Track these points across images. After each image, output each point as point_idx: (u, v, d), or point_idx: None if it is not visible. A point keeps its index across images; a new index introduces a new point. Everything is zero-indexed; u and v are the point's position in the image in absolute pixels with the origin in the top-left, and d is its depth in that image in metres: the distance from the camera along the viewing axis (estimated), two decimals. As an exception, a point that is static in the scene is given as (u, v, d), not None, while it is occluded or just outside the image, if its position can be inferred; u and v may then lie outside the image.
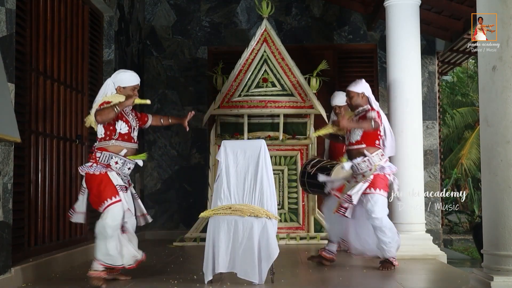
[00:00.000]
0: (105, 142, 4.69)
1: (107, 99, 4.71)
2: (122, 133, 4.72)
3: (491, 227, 3.93)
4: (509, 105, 3.84)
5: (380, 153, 5.34)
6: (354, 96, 5.45)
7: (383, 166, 5.30)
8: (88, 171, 4.63)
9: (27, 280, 4.76)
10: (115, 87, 4.81)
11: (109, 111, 4.56)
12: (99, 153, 4.66)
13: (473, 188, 15.01)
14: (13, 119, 4.34)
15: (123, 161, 4.70)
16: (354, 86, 5.49)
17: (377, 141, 5.35)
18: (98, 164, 4.63)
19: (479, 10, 4.12)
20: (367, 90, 5.47)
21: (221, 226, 4.59)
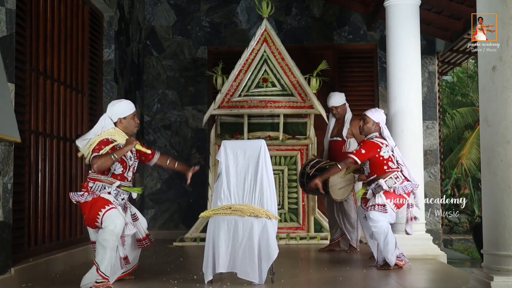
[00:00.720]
0: (97, 175, 4.48)
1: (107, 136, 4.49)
2: (116, 174, 4.52)
3: (491, 227, 3.92)
4: (509, 105, 3.84)
5: (394, 176, 5.40)
6: (369, 123, 5.56)
7: (396, 187, 5.34)
8: (79, 200, 4.45)
9: (27, 280, 4.76)
10: (115, 121, 4.59)
11: (107, 159, 4.35)
12: (91, 183, 4.47)
13: (473, 188, 15.01)
14: (13, 119, 4.34)
15: (116, 192, 4.53)
16: (372, 113, 5.59)
17: (385, 166, 5.42)
18: (89, 193, 4.45)
19: (479, 10, 4.12)
20: (382, 121, 5.58)
21: (221, 226, 4.59)
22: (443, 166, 10.58)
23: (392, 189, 5.34)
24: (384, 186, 5.33)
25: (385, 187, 5.33)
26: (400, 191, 5.33)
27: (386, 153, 5.45)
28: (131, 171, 4.66)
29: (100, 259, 4.34)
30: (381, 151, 5.43)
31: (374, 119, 5.55)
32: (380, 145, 5.45)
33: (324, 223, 7.51)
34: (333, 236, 6.79)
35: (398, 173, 5.41)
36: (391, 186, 5.34)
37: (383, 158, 5.43)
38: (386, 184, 5.34)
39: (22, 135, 4.72)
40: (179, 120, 9.08)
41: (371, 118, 5.55)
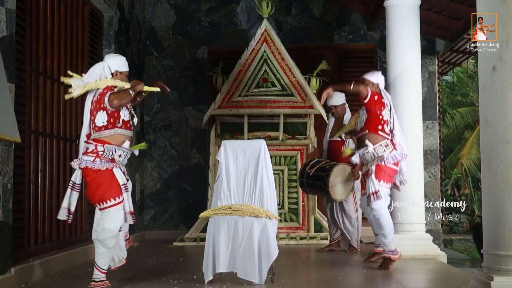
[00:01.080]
0: (107, 131, 4.29)
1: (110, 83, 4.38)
2: (125, 121, 4.39)
3: (491, 227, 3.92)
4: (509, 105, 3.84)
5: (385, 144, 5.31)
6: (369, 85, 5.43)
7: (384, 156, 5.27)
8: (91, 167, 4.25)
9: (27, 280, 4.76)
10: (112, 72, 4.44)
11: (126, 94, 4.25)
12: (100, 146, 4.25)
13: (473, 188, 15.02)
14: (13, 119, 4.34)
15: (126, 153, 4.42)
16: (371, 75, 5.51)
17: (379, 126, 5.33)
18: (101, 159, 4.26)
19: (479, 10, 4.12)
20: (382, 82, 5.52)
21: (221, 226, 4.59)
22: (443, 166, 10.58)
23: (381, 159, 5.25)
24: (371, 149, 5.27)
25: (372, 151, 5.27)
26: (389, 160, 5.27)
27: (386, 115, 5.37)
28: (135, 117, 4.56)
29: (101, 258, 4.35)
30: (383, 111, 5.34)
31: (373, 80, 5.46)
32: (385, 105, 5.38)
33: (324, 223, 7.52)
34: (333, 236, 6.80)
35: (388, 142, 5.33)
36: (380, 154, 5.27)
37: (382, 118, 5.35)
38: (376, 151, 5.27)
39: (22, 135, 4.72)
40: (179, 120, 9.08)
41: (370, 80, 5.46)
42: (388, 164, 5.28)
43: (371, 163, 5.32)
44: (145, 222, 8.89)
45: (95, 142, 4.30)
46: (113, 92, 4.30)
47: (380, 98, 5.36)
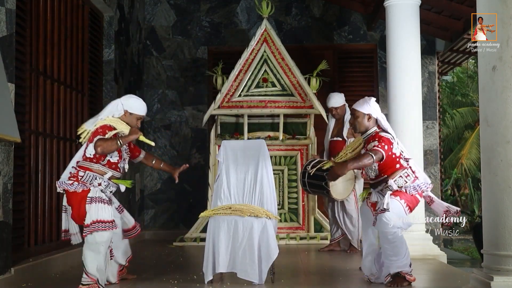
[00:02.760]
0: (90, 164, 4.36)
1: (110, 123, 4.45)
2: (111, 162, 4.42)
3: (491, 227, 3.92)
4: (509, 105, 3.83)
5: (405, 174, 4.61)
6: (360, 117, 4.74)
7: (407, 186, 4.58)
8: (68, 189, 4.34)
9: (27, 280, 4.76)
10: (123, 110, 4.52)
11: (113, 143, 4.30)
12: (82, 172, 4.35)
13: (473, 188, 15.01)
14: (13, 119, 4.35)
15: (107, 183, 4.42)
16: (360, 105, 4.77)
17: (397, 165, 4.61)
18: (79, 183, 4.34)
19: (479, 10, 4.11)
20: (374, 111, 4.74)
21: (221, 226, 4.59)
22: (443, 166, 10.57)
23: (404, 188, 4.57)
24: (394, 186, 4.56)
25: (395, 188, 4.56)
26: (412, 191, 4.57)
27: (397, 149, 4.64)
28: (125, 163, 4.57)
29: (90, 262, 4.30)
30: (393, 149, 4.61)
31: (363, 110, 4.73)
32: (391, 141, 4.64)
33: (324, 223, 7.51)
34: (334, 236, 6.79)
35: (409, 171, 4.63)
36: (401, 186, 4.58)
37: (395, 155, 4.60)
38: (396, 184, 4.58)
39: (22, 135, 4.72)
40: (179, 120, 9.08)
41: (360, 110, 4.74)
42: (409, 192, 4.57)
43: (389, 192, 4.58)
44: (145, 222, 8.89)
45: (79, 168, 4.39)
46: (101, 138, 4.32)
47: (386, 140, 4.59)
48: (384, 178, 4.62)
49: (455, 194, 17.63)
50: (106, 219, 4.30)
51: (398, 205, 4.49)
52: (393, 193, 4.53)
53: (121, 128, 4.47)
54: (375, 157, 4.51)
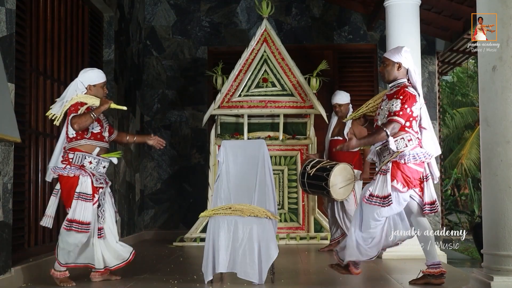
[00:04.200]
0: (76, 142, 4.57)
1: (80, 100, 4.62)
2: (95, 132, 4.63)
3: (491, 227, 3.92)
4: (509, 105, 3.84)
5: (408, 138, 4.37)
6: (389, 65, 4.50)
7: (404, 154, 4.34)
8: (61, 173, 4.55)
9: (27, 280, 4.76)
10: (85, 86, 4.69)
11: (87, 118, 4.48)
12: (71, 154, 4.56)
13: (473, 188, 15.01)
14: (13, 119, 4.34)
15: (97, 160, 4.62)
16: (391, 53, 4.54)
17: (408, 123, 4.39)
18: (72, 166, 4.54)
19: (479, 10, 4.11)
20: (406, 60, 4.49)
21: (221, 226, 4.59)
22: (443, 166, 10.57)
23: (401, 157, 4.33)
24: (392, 146, 4.32)
25: (393, 148, 4.33)
26: (411, 159, 4.33)
27: (417, 109, 4.44)
28: (107, 131, 4.75)
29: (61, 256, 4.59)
30: (413, 106, 4.41)
31: (393, 59, 4.49)
32: (416, 98, 4.43)
33: (324, 223, 7.51)
34: (334, 236, 6.79)
35: (413, 136, 4.40)
36: (400, 150, 4.35)
37: (412, 114, 4.40)
38: (396, 145, 4.34)
39: (22, 135, 4.72)
40: (179, 120, 9.08)
41: (390, 58, 4.50)
42: (408, 163, 4.35)
43: (388, 158, 4.41)
44: (145, 222, 8.89)
45: (68, 151, 4.60)
46: (75, 115, 4.52)
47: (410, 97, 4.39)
48: None
49: (455, 194, 17.63)
50: (84, 221, 4.52)
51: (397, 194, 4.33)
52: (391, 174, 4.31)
53: (91, 101, 4.65)
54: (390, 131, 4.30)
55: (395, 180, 4.31)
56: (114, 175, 7.15)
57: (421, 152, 4.41)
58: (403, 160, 4.33)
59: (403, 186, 4.33)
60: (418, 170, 4.40)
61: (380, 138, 4.37)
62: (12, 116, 4.36)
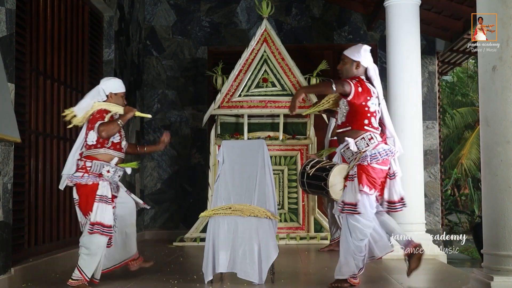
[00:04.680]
0: (96, 150, 4.56)
1: (103, 107, 4.63)
2: (114, 142, 4.63)
3: (491, 227, 3.92)
4: (509, 105, 3.84)
5: (368, 137, 4.30)
6: (348, 63, 4.46)
7: (366, 155, 4.27)
8: (79, 182, 4.51)
9: (27, 280, 4.76)
10: (106, 94, 4.72)
11: (114, 126, 4.51)
12: (89, 162, 4.53)
13: (473, 188, 15.01)
14: (13, 119, 4.34)
15: (115, 169, 4.62)
16: (350, 51, 4.48)
17: (366, 120, 4.31)
18: (89, 174, 4.52)
19: (479, 10, 4.11)
20: (365, 60, 4.44)
21: (221, 226, 4.59)
22: (443, 166, 10.58)
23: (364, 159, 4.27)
24: (353, 147, 4.29)
25: (354, 149, 4.30)
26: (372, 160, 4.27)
27: (373, 105, 4.36)
28: (124, 140, 4.78)
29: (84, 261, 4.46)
30: (369, 101, 4.33)
31: (351, 57, 4.45)
32: (371, 93, 4.36)
33: (324, 223, 7.51)
34: (333, 236, 6.79)
35: (373, 134, 4.32)
36: (362, 150, 4.30)
37: (368, 109, 4.33)
38: (357, 146, 4.30)
39: (22, 135, 4.72)
40: (179, 120, 9.08)
41: (349, 56, 4.46)
42: (372, 163, 4.28)
43: (353, 162, 4.34)
44: (145, 222, 8.89)
45: (85, 159, 4.58)
46: (102, 123, 4.53)
47: (365, 87, 4.34)
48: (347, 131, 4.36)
49: (455, 194, 17.63)
50: (106, 223, 4.46)
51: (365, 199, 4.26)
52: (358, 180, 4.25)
53: (115, 109, 4.67)
54: (336, 85, 4.21)
55: (361, 184, 4.26)
56: (114, 175, 7.14)
57: (383, 149, 4.32)
58: (366, 162, 4.27)
59: (369, 188, 4.27)
60: (382, 169, 4.33)
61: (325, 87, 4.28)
62: (12, 116, 4.36)
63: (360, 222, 4.32)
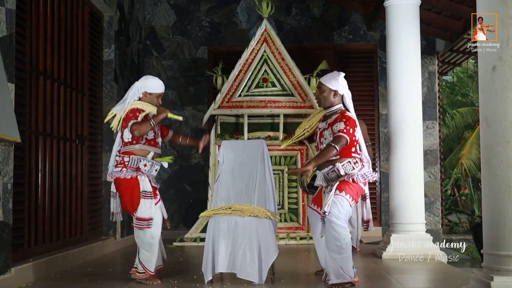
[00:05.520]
0: (131, 146, 4.70)
1: (137, 106, 4.74)
2: (149, 139, 4.75)
3: (491, 227, 3.92)
4: (509, 105, 3.83)
5: (354, 161, 4.52)
6: (326, 91, 4.62)
7: (353, 174, 4.48)
8: (119, 176, 4.66)
9: (27, 280, 4.76)
10: (142, 92, 4.82)
11: (147, 125, 4.63)
12: (127, 157, 4.67)
13: (473, 188, 15.00)
14: (13, 119, 4.34)
15: (151, 163, 4.74)
16: (328, 80, 4.65)
17: (353, 148, 4.54)
18: (128, 169, 4.66)
19: (479, 10, 4.11)
20: (342, 88, 4.62)
21: (221, 226, 4.59)
22: (443, 166, 10.58)
23: (349, 177, 4.47)
24: (341, 171, 4.46)
25: (342, 172, 4.46)
26: (360, 178, 4.48)
27: (358, 132, 4.57)
28: (159, 137, 4.88)
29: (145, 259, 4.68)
30: (356, 131, 4.54)
31: (329, 86, 4.60)
32: (355, 123, 4.55)
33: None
34: (333, 236, 6.79)
35: (357, 159, 4.55)
36: (348, 173, 4.48)
37: (355, 139, 4.53)
38: (344, 170, 4.47)
39: (22, 135, 4.72)
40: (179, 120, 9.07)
41: (327, 85, 4.61)
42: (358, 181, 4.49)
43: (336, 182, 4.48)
44: (145, 222, 8.88)
45: (123, 154, 4.72)
46: (135, 122, 4.65)
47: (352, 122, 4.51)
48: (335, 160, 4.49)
49: (455, 194, 17.62)
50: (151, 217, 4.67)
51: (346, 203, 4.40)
52: (338, 187, 4.40)
53: (148, 109, 4.77)
54: (339, 146, 4.42)
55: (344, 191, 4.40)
56: (114, 175, 7.14)
57: (368, 172, 4.57)
58: (351, 179, 4.48)
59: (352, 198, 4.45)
60: (361, 188, 4.55)
61: (330, 154, 4.43)
62: (12, 116, 4.35)
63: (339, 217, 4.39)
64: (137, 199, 4.63)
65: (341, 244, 4.36)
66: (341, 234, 4.36)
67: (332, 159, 4.50)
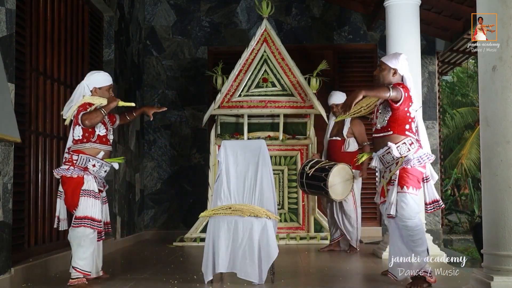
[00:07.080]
0: (82, 145, 4.61)
1: (87, 100, 4.67)
2: (101, 135, 4.67)
3: (491, 227, 3.92)
4: (509, 105, 3.83)
5: (409, 142, 4.40)
6: (385, 70, 4.53)
7: (410, 158, 4.37)
8: (65, 174, 4.59)
9: (27, 280, 4.76)
10: (90, 89, 4.75)
11: (97, 114, 4.54)
12: (75, 155, 4.59)
13: (473, 188, 15.00)
14: (13, 119, 4.34)
15: (100, 163, 4.66)
16: (389, 59, 4.58)
17: (407, 125, 4.43)
18: (75, 167, 4.58)
19: (479, 10, 4.11)
20: (402, 67, 4.53)
21: (221, 226, 4.59)
22: (443, 166, 10.57)
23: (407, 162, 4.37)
24: (395, 153, 4.37)
25: (397, 154, 4.37)
26: (416, 163, 4.37)
27: (413, 111, 4.47)
28: (111, 133, 4.80)
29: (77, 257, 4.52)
30: (410, 107, 4.43)
31: (390, 64, 4.53)
32: (412, 99, 4.45)
33: (324, 223, 7.51)
34: (333, 236, 6.80)
35: (413, 139, 4.44)
36: (403, 154, 4.38)
37: (410, 115, 4.43)
38: (399, 151, 4.38)
39: (22, 135, 4.72)
40: (179, 120, 9.09)
41: (387, 63, 4.54)
42: (415, 166, 4.39)
43: (395, 167, 4.43)
44: (145, 222, 8.89)
45: (72, 152, 4.64)
46: (85, 112, 4.57)
47: (409, 94, 4.42)
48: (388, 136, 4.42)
49: (455, 194, 17.62)
50: (96, 218, 4.55)
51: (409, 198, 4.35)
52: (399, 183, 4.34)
53: (98, 102, 4.70)
54: (393, 91, 4.28)
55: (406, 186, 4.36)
56: (114, 175, 7.15)
57: (424, 154, 4.46)
58: (410, 165, 4.38)
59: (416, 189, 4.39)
60: (421, 172, 4.46)
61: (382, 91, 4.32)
62: (12, 116, 4.36)
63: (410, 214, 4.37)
64: (77, 196, 4.54)
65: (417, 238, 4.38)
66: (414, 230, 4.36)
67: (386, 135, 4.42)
